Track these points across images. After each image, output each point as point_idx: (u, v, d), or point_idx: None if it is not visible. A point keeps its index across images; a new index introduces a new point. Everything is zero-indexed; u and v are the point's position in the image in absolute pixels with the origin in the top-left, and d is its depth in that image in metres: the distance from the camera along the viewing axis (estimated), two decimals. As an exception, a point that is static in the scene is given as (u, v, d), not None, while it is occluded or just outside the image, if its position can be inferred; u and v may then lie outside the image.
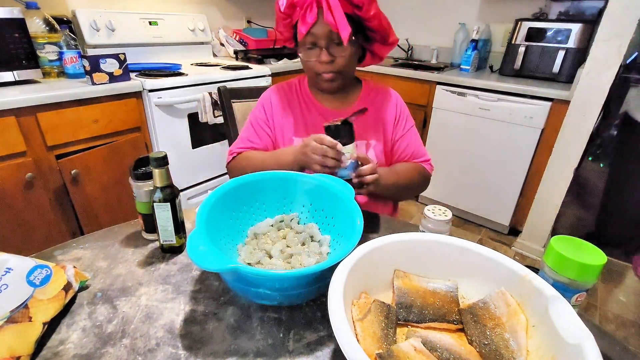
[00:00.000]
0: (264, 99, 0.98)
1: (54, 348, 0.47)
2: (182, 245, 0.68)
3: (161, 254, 0.67)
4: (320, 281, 0.50)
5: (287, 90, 0.97)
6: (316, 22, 0.79)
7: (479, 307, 0.50)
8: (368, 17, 0.81)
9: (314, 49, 0.83)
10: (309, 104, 0.95)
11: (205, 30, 2.26)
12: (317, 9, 0.78)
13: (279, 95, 0.97)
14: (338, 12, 0.76)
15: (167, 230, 0.64)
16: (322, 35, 0.80)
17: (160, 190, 0.61)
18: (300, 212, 0.70)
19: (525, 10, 2.16)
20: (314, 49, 0.83)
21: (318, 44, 0.82)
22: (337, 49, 0.82)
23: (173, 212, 0.63)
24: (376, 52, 0.91)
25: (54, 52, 1.55)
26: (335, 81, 0.86)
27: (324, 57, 0.81)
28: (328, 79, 0.85)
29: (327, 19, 0.76)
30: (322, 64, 0.83)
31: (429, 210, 0.62)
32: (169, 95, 1.64)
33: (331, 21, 0.76)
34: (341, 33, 0.76)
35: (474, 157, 2.08)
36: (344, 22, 0.76)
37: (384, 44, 0.89)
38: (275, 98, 0.97)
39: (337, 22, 0.76)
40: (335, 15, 0.76)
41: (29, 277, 0.49)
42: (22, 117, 1.27)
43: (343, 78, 0.87)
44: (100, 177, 1.49)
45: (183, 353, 0.47)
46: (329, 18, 0.76)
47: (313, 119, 0.93)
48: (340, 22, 0.76)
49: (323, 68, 0.84)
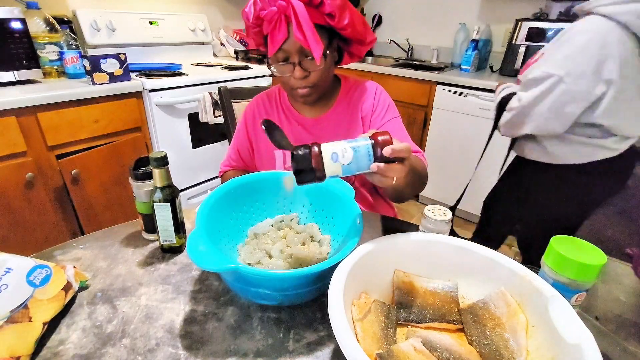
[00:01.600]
0: (245, 114, 0.97)
1: (54, 348, 0.47)
2: (182, 245, 0.68)
3: (161, 254, 0.67)
4: (320, 281, 0.50)
5: (266, 103, 0.95)
6: (287, 39, 0.73)
7: (479, 307, 0.50)
8: (342, 27, 0.75)
9: (286, 64, 0.77)
10: (288, 114, 0.92)
11: (206, 30, 2.26)
12: (286, 25, 0.72)
13: (259, 109, 0.95)
14: (308, 27, 0.70)
15: (167, 230, 0.64)
16: (294, 51, 0.74)
17: (160, 190, 0.61)
18: (300, 212, 0.70)
19: (525, 10, 2.16)
20: (287, 64, 0.77)
21: (290, 59, 0.76)
22: (311, 63, 0.76)
23: (173, 212, 0.63)
24: (354, 52, 0.87)
25: (54, 52, 1.55)
26: (312, 95, 0.82)
27: (297, 73, 0.76)
28: (304, 94, 0.81)
29: (297, 36, 0.70)
30: (296, 80, 0.78)
31: (429, 210, 0.62)
32: (169, 95, 1.64)
33: (301, 39, 0.70)
34: (313, 52, 0.71)
35: (473, 157, 2.07)
36: (315, 39, 0.70)
37: (361, 44, 0.84)
38: (256, 112, 0.95)
39: (307, 39, 0.70)
40: (305, 32, 0.70)
41: (29, 277, 0.49)
42: (23, 117, 1.27)
43: (320, 90, 0.83)
44: (100, 177, 1.49)
45: (183, 353, 0.47)
46: (299, 35, 0.70)
47: (292, 129, 0.91)
48: (311, 39, 0.70)
49: (298, 84, 0.79)
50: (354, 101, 0.90)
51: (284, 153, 0.91)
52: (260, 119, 0.93)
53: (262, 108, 0.94)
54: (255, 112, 0.95)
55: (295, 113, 0.92)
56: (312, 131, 0.90)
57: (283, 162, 0.91)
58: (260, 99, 0.96)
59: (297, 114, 0.91)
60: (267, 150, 0.93)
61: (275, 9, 0.70)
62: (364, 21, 0.80)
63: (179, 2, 2.21)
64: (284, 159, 0.91)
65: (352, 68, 2.34)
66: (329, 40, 0.78)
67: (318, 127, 0.90)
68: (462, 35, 2.34)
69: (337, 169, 0.50)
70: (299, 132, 0.91)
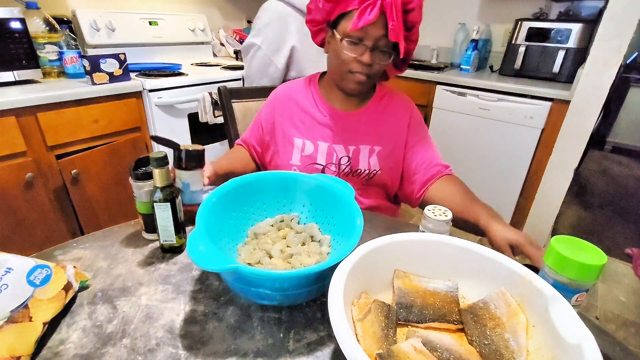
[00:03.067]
0: (272, 96, 0.99)
1: (54, 348, 0.47)
2: (183, 245, 0.68)
3: (161, 253, 0.67)
4: (320, 281, 0.50)
5: (296, 90, 0.96)
6: (373, 23, 0.74)
7: (479, 307, 0.50)
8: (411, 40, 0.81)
9: (359, 45, 0.78)
10: (318, 102, 0.93)
11: (205, 30, 2.26)
12: (379, 11, 0.73)
13: (287, 94, 0.96)
14: (399, 23, 0.73)
15: (167, 230, 0.64)
16: (374, 37, 0.76)
17: (160, 190, 0.61)
18: (300, 212, 0.70)
19: (525, 10, 2.16)
20: (358, 45, 0.78)
21: (365, 42, 0.77)
22: (380, 55, 0.79)
23: (173, 212, 0.63)
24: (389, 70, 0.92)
25: (54, 52, 1.55)
26: (364, 85, 0.84)
27: (366, 58, 0.78)
28: (359, 80, 0.82)
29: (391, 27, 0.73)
30: (359, 64, 0.79)
31: (429, 210, 0.62)
32: (169, 95, 1.64)
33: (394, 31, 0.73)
34: (400, 46, 0.76)
35: (474, 157, 2.07)
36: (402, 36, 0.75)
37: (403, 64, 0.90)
38: (282, 97, 0.97)
39: (398, 33, 0.74)
40: (397, 26, 0.73)
41: (29, 277, 0.49)
42: (22, 117, 1.27)
43: (369, 85, 0.86)
44: (100, 177, 1.49)
45: (183, 353, 0.47)
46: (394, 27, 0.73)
47: (320, 118, 0.92)
48: (400, 34, 0.74)
49: (359, 68, 0.80)
50: (387, 108, 0.93)
51: (303, 142, 0.92)
52: (287, 104, 0.95)
53: (291, 94, 0.96)
54: (284, 97, 0.96)
55: (326, 103, 0.92)
56: (340, 125, 0.91)
57: (301, 150, 0.92)
58: (292, 85, 0.99)
59: (328, 105, 0.92)
60: (288, 136, 0.94)
61: None
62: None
63: (178, 2, 2.21)
64: (302, 147, 0.92)
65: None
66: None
67: (347, 122, 0.91)
68: (462, 35, 2.34)
69: None
70: (326, 124, 0.91)
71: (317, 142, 0.91)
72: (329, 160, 0.91)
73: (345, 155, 0.91)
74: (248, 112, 1.23)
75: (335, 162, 0.91)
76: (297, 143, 0.92)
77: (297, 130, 0.93)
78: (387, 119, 0.92)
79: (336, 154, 0.91)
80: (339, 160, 0.91)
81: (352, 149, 0.90)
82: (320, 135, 0.91)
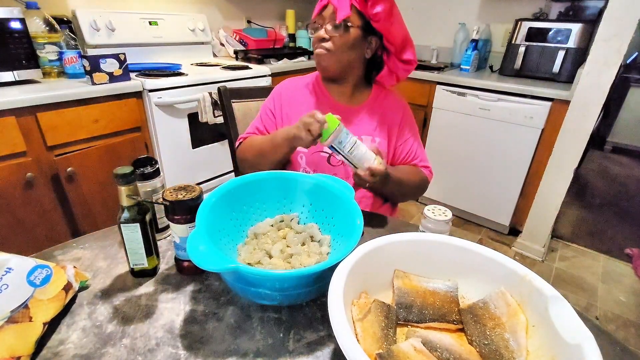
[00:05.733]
0: (275, 90, 1.02)
1: (54, 348, 0.47)
2: (156, 267, 0.62)
3: (161, 253, 0.67)
4: (320, 281, 0.50)
5: (300, 83, 1.01)
6: (326, 6, 0.86)
7: (479, 307, 0.50)
8: (372, 16, 0.84)
9: (318, 29, 0.89)
10: (321, 96, 0.97)
11: (205, 30, 2.26)
12: None
13: (291, 87, 1.01)
14: None
15: (137, 253, 0.58)
16: (327, 17, 0.86)
17: (127, 210, 0.55)
18: (300, 212, 0.70)
19: (525, 10, 2.16)
20: (319, 28, 0.88)
21: (321, 23, 0.88)
22: (335, 30, 0.86)
23: (144, 232, 0.56)
24: (392, 67, 0.94)
25: (54, 52, 1.55)
26: (325, 60, 0.89)
27: (319, 32, 0.87)
28: (318, 53, 0.89)
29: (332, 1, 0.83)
30: (317, 41, 0.88)
31: (429, 210, 0.62)
32: (169, 95, 1.64)
33: (335, 3, 0.82)
34: (337, 11, 0.83)
35: (474, 157, 2.07)
36: (345, 4, 0.82)
37: (398, 58, 0.92)
38: (287, 89, 1.01)
39: (338, 2, 0.82)
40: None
41: (29, 277, 0.49)
42: (22, 117, 1.26)
43: (334, 60, 0.89)
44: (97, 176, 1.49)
45: (183, 353, 0.47)
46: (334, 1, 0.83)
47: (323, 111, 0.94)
48: (341, 2, 0.82)
49: (316, 45, 0.89)
50: (383, 107, 0.98)
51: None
52: (291, 96, 0.99)
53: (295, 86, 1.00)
54: (289, 90, 1.00)
55: (330, 97, 0.97)
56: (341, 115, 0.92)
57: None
58: (295, 79, 1.04)
59: (330, 97, 0.97)
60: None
61: None
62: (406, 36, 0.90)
63: (178, 2, 2.21)
64: None
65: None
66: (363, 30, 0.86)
67: (349, 114, 0.95)
68: (461, 35, 2.34)
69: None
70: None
71: None
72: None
73: None
74: (248, 112, 1.23)
75: None
76: None
77: None
78: (384, 115, 0.97)
79: None
80: None
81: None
82: None
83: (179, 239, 0.58)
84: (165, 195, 0.57)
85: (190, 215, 0.57)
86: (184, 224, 0.58)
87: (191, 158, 1.85)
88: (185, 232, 0.58)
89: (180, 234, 0.58)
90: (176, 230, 0.58)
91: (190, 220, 0.57)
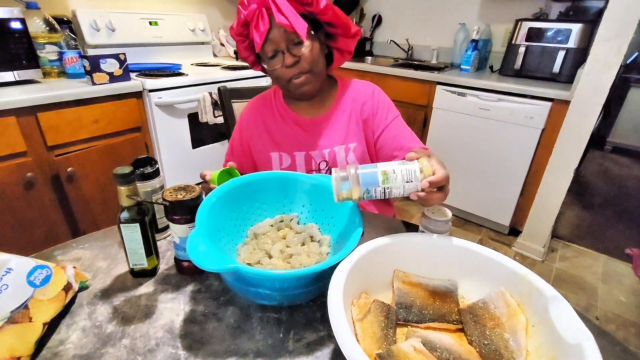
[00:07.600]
0: (240, 120, 0.97)
1: (54, 348, 0.47)
2: (156, 267, 0.62)
3: (161, 253, 0.67)
4: (320, 281, 0.50)
5: (261, 106, 0.94)
6: (270, 28, 0.75)
7: (478, 307, 0.50)
8: (320, 11, 0.77)
9: (276, 57, 0.78)
10: (285, 115, 0.91)
11: (206, 30, 2.26)
12: (268, 15, 0.74)
13: (254, 114, 0.94)
14: (288, 10, 0.72)
15: (137, 253, 0.58)
16: (280, 39, 0.76)
17: (126, 210, 0.55)
18: (300, 212, 0.70)
19: (525, 10, 2.16)
20: (276, 56, 0.78)
21: (279, 48, 0.77)
22: (299, 48, 0.77)
23: (143, 232, 0.57)
24: (342, 47, 0.86)
25: (54, 52, 1.55)
26: (309, 83, 0.81)
27: (287, 60, 0.77)
28: (300, 82, 0.80)
29: (280, 20, 0.72)
30: (288, 69, 0.78)
31: (429, 210, 0.62)
32: (169, 95, 1.64)
33: (284, 21, 0.72)
34: (297, 29, 0.72)
35: (474, 157, 2.07)
36: (297, 18, 0.72)
37: (347, 36, 0.84)
38: (250, 117, 0.95)
39: (290, 20, 0.72)
40: (286, 14, 0.72)
41: (29, 277, 0.49)
42: (23, 117, 1.27)
43: (315, 78, 0.82)
44: (97, 176, 1.49)
45: (183, 353, 0.47)
46: (281, 19, 0.72)
47: (289, 130, 0.91)
48: (293, 19, 0.72)
49: (290, 72, 0.79)
50: (352, 102, 0.90)
51: (280, 155, 0.91)
52: (255, 123, 0.93)
53: (257, 112, 0.94)
54: (250, 116, 0.94)
55: (293, 114, 0.91)
56: (311, 132, 0.90)
57: (279, 164, 0.92)
58: (255, 103, 0.96)
59: (295, 115, 0.90)
60: (263, 152, 0.93)
61: (255, 5, 0.74)
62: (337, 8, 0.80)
63: (178, 2, 2.21)
64: (280, 160, 0.91)
65: (352, 68, 2.34)
66: (313, 29, 0.79)
67: (316, 127, 0.89)
68: (462, 35, 2.34)
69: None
70: (298, 134, 0.90)
71: (293, 153, 0.91)
72: (308, 168, 0.91)
73: (322, 160, 0.90)
74: (248, 112, 1.23)
75: (314, 169, 0.91)
76: (273, 157, 0.92)
77: (270, 145, 0.92)
78: (354, 113, 0.89)
79: (314, 161, 0.90)
80: (318, 166, 0.91)
81: (327, 152, 0.89)
82: (295, 146, 0.91)
83: (179, 239, 0.59)
84: (165, 196, 0.57)
85: (190, 216, 0.57)
86: (184, 224, 0.58)
87: (191, 158, 1.85)
88: (185, 232, 0.58)
89: (180, 234, 0.58)
90: (176, 230, 0.58)
91: (190, 220, 0.57)
